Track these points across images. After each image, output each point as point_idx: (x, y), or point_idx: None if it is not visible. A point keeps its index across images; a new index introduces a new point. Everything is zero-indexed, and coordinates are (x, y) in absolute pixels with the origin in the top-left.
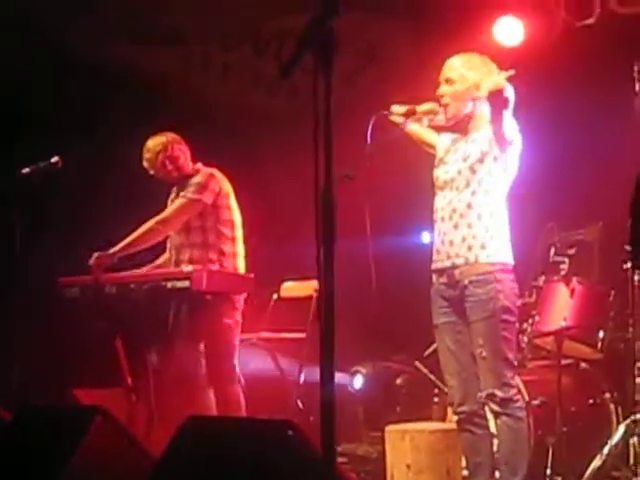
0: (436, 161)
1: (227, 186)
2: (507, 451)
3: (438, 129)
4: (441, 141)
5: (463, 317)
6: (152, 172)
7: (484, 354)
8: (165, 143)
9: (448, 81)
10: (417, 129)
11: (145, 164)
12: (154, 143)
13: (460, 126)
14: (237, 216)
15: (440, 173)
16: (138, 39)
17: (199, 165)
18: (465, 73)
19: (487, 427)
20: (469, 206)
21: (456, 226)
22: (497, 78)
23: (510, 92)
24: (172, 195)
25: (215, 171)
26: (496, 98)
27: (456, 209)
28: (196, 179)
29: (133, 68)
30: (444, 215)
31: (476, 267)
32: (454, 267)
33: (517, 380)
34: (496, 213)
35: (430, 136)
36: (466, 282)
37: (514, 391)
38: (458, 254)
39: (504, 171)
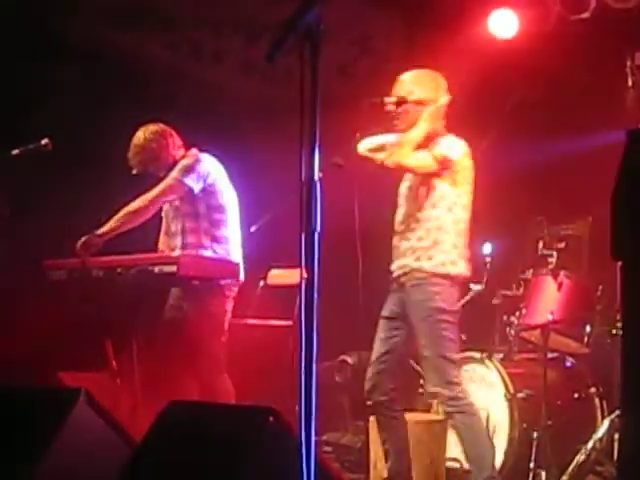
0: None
1: (218, 170)
2: (468, 448)
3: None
4: None
5: (406, 319)
6: (138, 170)
7: (426, 353)
8: (156, 137)
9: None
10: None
11: (132, 162)
12: (142, 141)
13: None
14: (230, 199)
15: (402, 188)
16: (129, 24)
17: (194, 151)
18: (413, 89)
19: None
20: (417, 220)
21: (407, 239)
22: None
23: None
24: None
25: (205, 155)
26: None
27: (409, 223)
28: (184, 162)
29: (124, 54)
30: (396, 228)
31: (418, 273)
32: (404, 274)
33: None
34: (445, 226)
35: None
36: (408, 285)
37: (459, 389)
38: (406, 265)
39: (450, 186)
